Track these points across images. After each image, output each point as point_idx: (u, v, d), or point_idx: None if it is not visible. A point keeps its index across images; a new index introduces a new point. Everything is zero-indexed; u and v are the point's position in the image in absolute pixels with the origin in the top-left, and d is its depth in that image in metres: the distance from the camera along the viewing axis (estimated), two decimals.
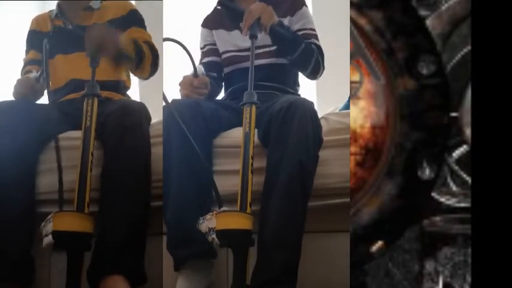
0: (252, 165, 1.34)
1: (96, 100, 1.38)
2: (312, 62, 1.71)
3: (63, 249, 1.26)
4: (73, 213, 1.27)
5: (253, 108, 1.40)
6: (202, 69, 1.67)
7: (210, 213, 1.34)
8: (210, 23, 1.90)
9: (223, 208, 1.32)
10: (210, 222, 1.33)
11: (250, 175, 1.32)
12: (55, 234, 1.23)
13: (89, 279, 1.33)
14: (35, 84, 1.61)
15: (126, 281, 1.32)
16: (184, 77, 1.64)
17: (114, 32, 1.43)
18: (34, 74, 1.65)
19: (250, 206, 1.30)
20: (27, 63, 1.77)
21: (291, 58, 1.68)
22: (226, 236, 1.27)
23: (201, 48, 1.90)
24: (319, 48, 1.77)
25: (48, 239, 1.25)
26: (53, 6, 1.81)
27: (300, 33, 1.78)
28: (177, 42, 1.52)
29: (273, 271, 1.32)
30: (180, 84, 1.64)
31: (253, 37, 1.52)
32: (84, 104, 1.37)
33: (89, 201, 1.28)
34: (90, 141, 1.33)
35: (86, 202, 1.27)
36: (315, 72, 1.74)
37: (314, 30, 1.82)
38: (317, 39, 1.80)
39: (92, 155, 1.33)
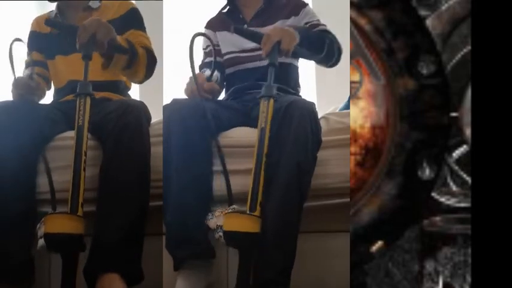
0: (265, 163, 1.31)
1: (89, 99, 1.36)
2: (335, 51, 1.68)
3: (55, 252, 1.26)
4: (63, 215, 1.26)
5: (271, 102, 1.36)
6: (218, 76, 1.66)
7: (219, 210, 1.33)
8: (213, 25, 1.92)
9: (234, 206, 1.31)
10: (218, 220, 1.32)
11: (262, 173, 1.30)
12: (46, 236, 1.23)
13: (86, 276, 1.33)
14: (29, 82, 1.60)
15: (122, 279, 1.32)
16: (198, 75, 1.64)
17: (108, 25, 1.41)
18: (27, 72, 1.64)
19: (260, 206, 1.28)
20: (31, 64, 1.77)
21: (319, 58, 1.65)
22: (233, 237, 1.27)
23: (204, 49, 1.91)
24: (331, 33, 1.74)
25: (41, 242, 1.25)
26: (52, 6, 1.81)
27: (308, 25, 1.78)
28: (208, 38, 1.51)
29: (271, 272, 1.32)
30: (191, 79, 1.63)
31: (272, 66, 1.40)
32: (77, 103, 1.35)
33: (82, 202, 1.27)
34: (83, 141, 1.31)
35: (79, 202, 1.27)
36: (339, 55, 1.71)
37: (321, 23, 1.82)
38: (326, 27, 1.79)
39: (85, 154, 1.31)
